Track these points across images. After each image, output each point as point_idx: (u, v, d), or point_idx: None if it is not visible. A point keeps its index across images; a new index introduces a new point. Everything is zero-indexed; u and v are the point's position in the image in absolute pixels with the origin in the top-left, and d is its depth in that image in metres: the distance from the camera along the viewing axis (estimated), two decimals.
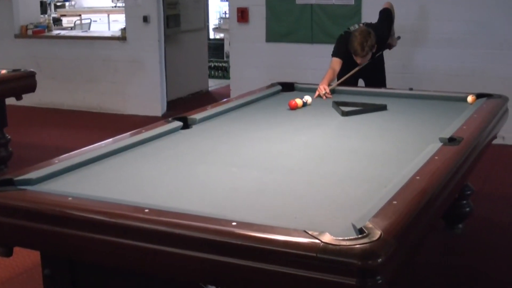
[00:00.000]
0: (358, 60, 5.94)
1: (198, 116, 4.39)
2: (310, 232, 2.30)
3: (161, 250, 2.48)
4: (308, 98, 5.01)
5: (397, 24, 6.65)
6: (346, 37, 6.10)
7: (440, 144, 3.61)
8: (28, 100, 8.33)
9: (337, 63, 6.03)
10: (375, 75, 6.45)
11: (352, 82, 6.14)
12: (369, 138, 4.07)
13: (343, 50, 6.08)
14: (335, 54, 6.14)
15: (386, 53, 6.61)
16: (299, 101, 4.88)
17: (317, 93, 5.37)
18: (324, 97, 5.32)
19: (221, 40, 14.01)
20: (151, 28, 9.59)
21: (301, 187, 3.11)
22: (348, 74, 5.97)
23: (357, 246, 2.20)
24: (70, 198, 2.80)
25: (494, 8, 7.64)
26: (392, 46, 6.62)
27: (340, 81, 5.88)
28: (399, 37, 6.71)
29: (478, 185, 6.06)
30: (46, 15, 13.11)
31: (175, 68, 10.56)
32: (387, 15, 6.50)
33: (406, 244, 2.48)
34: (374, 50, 5.98)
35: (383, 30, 6.33)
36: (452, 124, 4.13)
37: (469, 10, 7.72)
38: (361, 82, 6.51)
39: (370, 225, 2.37)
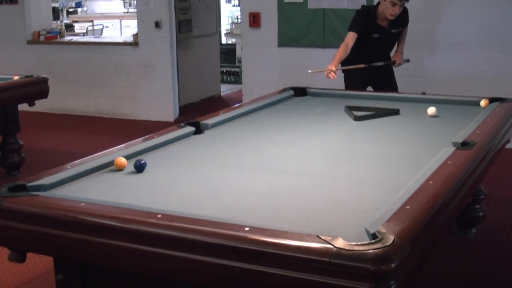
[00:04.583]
0: (395, 10, 6.02)
1: (210, 121, 4.39)
2: (323, 237, 2.29)
3: (173, 255, 2.48)
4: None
5: (409, 27, 6.62)
6: (367, 8, 6.20)
7: (453, 148, 3.60)
8: (40, 105, 8.39)
9: (351, 37, 6.08)
10: (385, 83, 6.42)
11: (361, 88, 6.17)
12: (382, 142, 4.06)
13: (361, 23, 6.12)
14: (351, 28, 6.17)
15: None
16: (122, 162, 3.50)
17: (325, 73, 5.69)
18: (331, 76, 5.63)
19: (233, 45, 14.03)
20: (163, 33, 9.61)
21: (313, 191, 3.10)
22: (358, 66, 6.06)
23: (371, 251, 2.20)
24: (82, 204, 2.80)
25: (506, 11, 7.60)
26: (398, 63, 6.52)
27: (353, 67, 5.99)
28: (408, 60, 6.66)
29: (491, 189, 6.04)
30: (58, 21, 13.19)
31: (187, 73, 10.57)
32: None
33: (419, 249, 2.47)
34: (404, 3, 6.07)
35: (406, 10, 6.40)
36: (465, 128, 4.12)
37: (481, 13, 7.70)
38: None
39: (383, 230, 2.36)
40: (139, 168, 3.37)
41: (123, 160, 3.47)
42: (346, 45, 6.01)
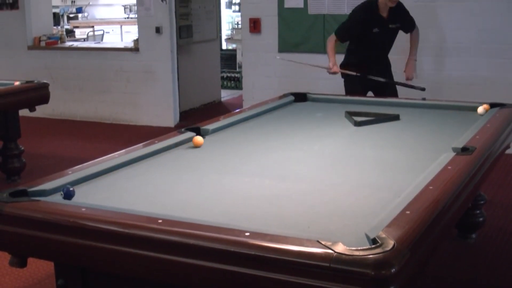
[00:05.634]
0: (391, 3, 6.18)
1: (210, 126, 4.39)
2: (323, 242, 2.30)
3: (174, 260, 2.48)
4: None
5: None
6: (369, 1, 6.30)
7: (453, 153, 3.60)
8: (41, 111, 8.40)
9: (335, 42, 6.37)
10: (384, 88, 6.43)
11: (361, 92, 6.20)
12: (382, 148, 4.06)
13: (360, 21, 6.30)
14: (340, 34, 6.41)
15: (398, 62, 6.62)
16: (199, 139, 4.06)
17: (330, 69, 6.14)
18: (336, 70, 6.14)
19: (234, 50, 14.04)
20: (164, 39, 9.63)
21: (313, 196, 3.11)
22: (356, 73, 6.12)
23: (371, 256, 2.20)
24: (83, 209, 2.81)
25: (506, 17, 7.61)
26: (411, 77, 6.59)
27: (351, 72, 6.08)
28: (423, 89, 6.47)
29: (491, 194, 6.04)
30: (59, 27, 13.21)
31: (188, 78, 10.58)
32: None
33: (419, 254, 2.47)
34: None
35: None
36: (465, 133, 4.12)
37: (482, 19, 7.71)
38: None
39: (383, 235, 2.36)
40: (67, 195, 3.05)
41: (199, 139, 4.00)
42: (331, 48, 6.34)
